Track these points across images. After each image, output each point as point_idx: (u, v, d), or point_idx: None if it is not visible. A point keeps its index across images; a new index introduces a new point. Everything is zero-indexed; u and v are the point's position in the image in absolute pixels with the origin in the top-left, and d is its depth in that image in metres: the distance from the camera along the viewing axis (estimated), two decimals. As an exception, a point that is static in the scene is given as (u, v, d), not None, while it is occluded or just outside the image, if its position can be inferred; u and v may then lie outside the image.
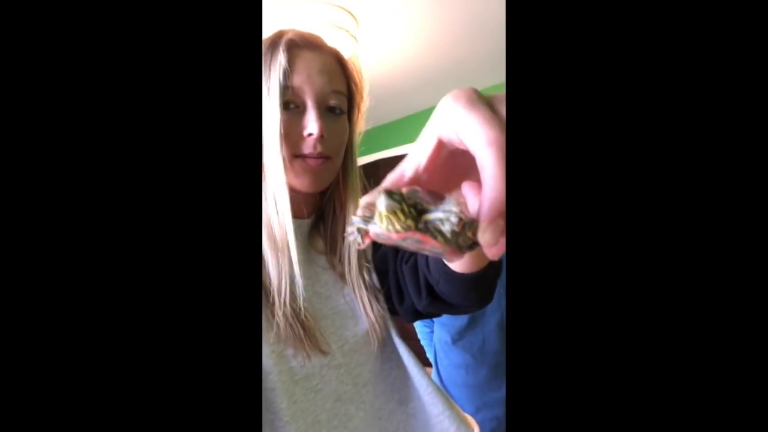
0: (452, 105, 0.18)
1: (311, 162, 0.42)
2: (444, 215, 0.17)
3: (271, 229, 0.40)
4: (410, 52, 1.99)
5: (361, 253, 0.48)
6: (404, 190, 0.18)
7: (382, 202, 0.17)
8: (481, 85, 2.59)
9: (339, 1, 1.47)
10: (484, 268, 0.37)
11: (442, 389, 0.64)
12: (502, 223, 0.17)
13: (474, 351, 0.82)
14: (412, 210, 0.17)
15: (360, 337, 0.47)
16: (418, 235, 0.17)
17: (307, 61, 0.41)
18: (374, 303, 0.47)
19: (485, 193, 0.17)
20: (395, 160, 0.19)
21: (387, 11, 1.61)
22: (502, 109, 0.18)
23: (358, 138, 0.49)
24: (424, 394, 0.49)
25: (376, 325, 0.47)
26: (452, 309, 0.45)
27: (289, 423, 0.38)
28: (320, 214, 0.50)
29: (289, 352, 0.40)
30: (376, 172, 3.17)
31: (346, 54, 0.46)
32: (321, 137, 0.41)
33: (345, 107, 0.45)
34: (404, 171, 0.20)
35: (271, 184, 0.40)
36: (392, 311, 0.50)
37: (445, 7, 1.61)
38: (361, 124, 0.49)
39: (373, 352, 0.48)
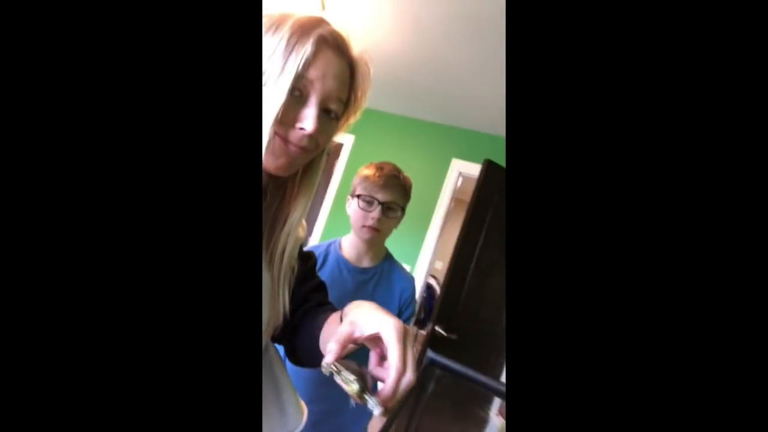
0: (394, 331, 0.36)
1: (292, 147, 0.43)
2: (370, 401, 0.35)
3: None
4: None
5: (291, 255, 0.50)
6: (358, 371, 0.36)
7: (350, 384, 0.35)
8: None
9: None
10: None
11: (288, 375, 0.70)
12: (386, 405, 0.35)
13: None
14: (360, 389, 0.35)
15: (264, 324, 0.48)
16: (357, 399, 0.35)
17: (327, 61, 0.43)
18: (287, 298, 0.49)
19: (382, 390, 0.35)
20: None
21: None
22: (410, 352, 0.36)
23: (331, 139, 0.51)
24: (280, 381, 0.54)
25: (280, 320, 0.49)
26: (293, 357, 0.59)
27: None
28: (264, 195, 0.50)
29: None
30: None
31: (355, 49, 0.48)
32: (310, 135, 0.42)
33: (339, 113, 0.47)
34: (353, 331, 0.38)
35: None
36: None
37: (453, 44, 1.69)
38: (342, 131, 0.51)
39: (263, 342, 0.50)
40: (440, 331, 1.78)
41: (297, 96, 0.42)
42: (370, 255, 0.97)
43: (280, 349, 0.59)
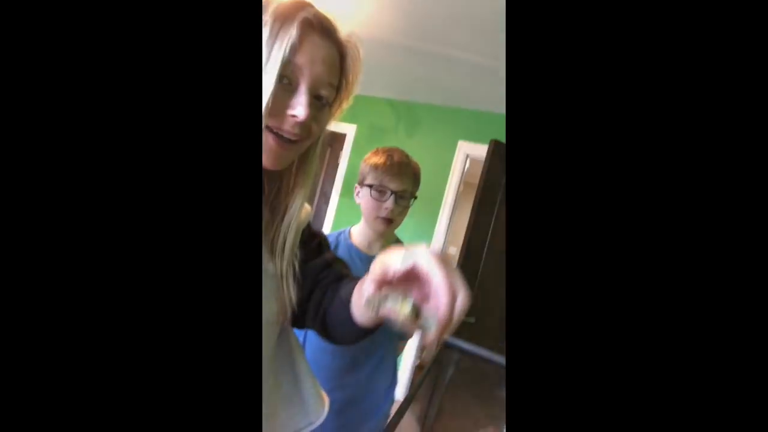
0: (430, 256, 0.32)
1: (281, 143, 0.42)
2: (429, 320, 0.33)
3: None
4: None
5: (295, 240, 0.50)
6: (412, 299, 0.33)
7: (403, 305, 0.32)
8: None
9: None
10: (372, 328, 0.47)
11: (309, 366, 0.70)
12: (442, 336, 0.32)
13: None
14: (414, 310, 0.33)
15: (270, 316, 0.48)
16: (411, 324, 0.32)
17: (314, 46, 0.42)
18: (293, 290, 0.49)
19: (438, 319, 0.31)
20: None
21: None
22: (454, 271, 0.32)
23: (325, 127, 0.51)
24: (300, 372, 0.54)
25: (287, 310, 0.49)
26: (328, 337, 0.54)
27: None
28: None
29: None
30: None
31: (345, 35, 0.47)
32: (303, 122, 0.42)
33: (331, 100, 0.46)
34: (386, 270, 0.34)
35: None
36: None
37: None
38: (336, 117, 0.50)
39: (275, 333, 0.50)
40: (458, 315, 1.77)
41: (286, 84, 0.41)
42: (380, 242, 0.97)
43: (300, 335, 0.58)
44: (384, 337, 0.98)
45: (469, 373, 1.05)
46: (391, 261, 0.33)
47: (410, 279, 0.33)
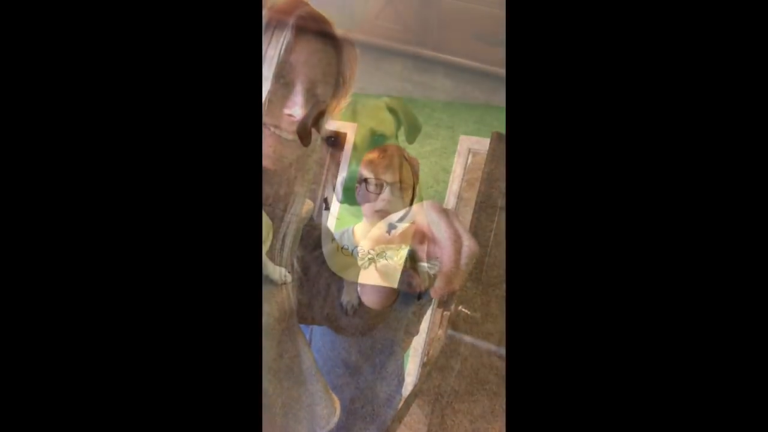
0: (429, 209, 0.30)
1: (279, 142, 0.42)
2: (432, 266, 0.30)
3: None
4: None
5: (295, 240, 0.50)
6: (409, 247, 0.31)
7: (398, 252, 0.30)
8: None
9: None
10: (380, 315, 0.46)
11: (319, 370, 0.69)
12: (451, 286, 0.30)
13: (351, 339, 0.90)
14: (411, 256, 0.30)
15: (269, 321, 0.48)
16: (411, 273, 0.30)
17: (309, 46, 0.42)
18: (293, 294, 0.49)
19: (443, 266, 0.29)
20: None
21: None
22: (457, 221, 0.31)
23: (323, 126, 0.50)
24: (307, 375, 0.54)
25: (287, 310, 0.49)
26: (338, 329, 0.53)
27: None
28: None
29: None
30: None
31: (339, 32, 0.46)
32: (300, 121, 0.42)
33: (328, 97, 0.46)
34: (384, 231, 0.32)
35: None
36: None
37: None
38: (336, 115, 0.50)
39: (278, 335, 0.50)
40: (464, 310, 1.77)
41: (282, 83, 0.41)
42: None
43: (307, 332, 0.57)
44: (388, 338, 0.98)
45: (475, 368, 1.04)
46: (390, 222, 0.32)
47: (412, 239, 0.32)
